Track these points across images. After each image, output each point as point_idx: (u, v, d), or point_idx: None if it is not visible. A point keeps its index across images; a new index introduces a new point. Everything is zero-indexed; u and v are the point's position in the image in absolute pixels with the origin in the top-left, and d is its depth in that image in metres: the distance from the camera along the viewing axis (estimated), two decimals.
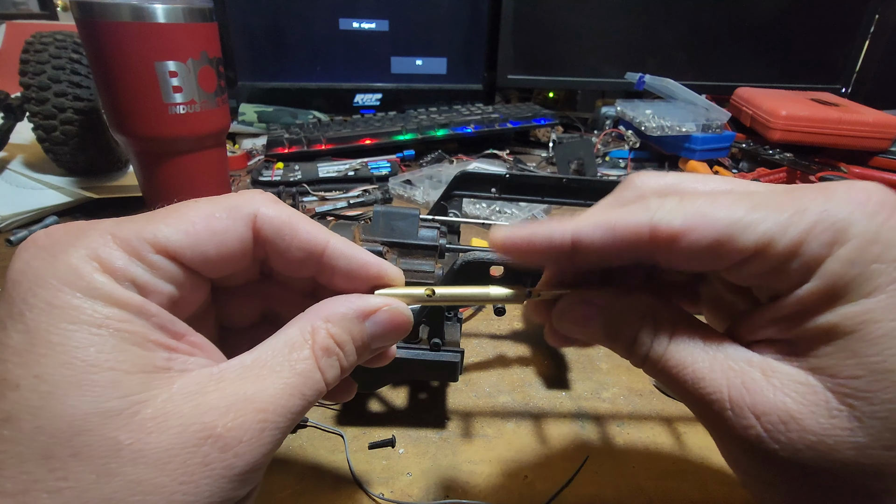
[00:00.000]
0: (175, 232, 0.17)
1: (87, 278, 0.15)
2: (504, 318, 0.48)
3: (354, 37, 1.00)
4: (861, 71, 1.10)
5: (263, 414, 0.16)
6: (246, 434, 0.15)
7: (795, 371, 0.16)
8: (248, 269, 0.21)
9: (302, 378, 0.17)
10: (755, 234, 0.16)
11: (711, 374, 0.17)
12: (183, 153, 0.53)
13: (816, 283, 0.16)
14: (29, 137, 0.67)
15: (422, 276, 0.39)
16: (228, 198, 0.19)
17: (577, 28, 1.02)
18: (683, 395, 0.18)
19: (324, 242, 0.20)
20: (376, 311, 0.19)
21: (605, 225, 0.18)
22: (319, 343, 0.18)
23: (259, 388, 0.16)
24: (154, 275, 0.17)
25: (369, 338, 0.19)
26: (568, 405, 0.38)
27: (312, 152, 0.82)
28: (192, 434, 0.15)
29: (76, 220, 0.17)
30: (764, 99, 0.85)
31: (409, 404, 0.38)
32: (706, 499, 0.31)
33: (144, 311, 0.16)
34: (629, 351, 0.20)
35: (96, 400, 0.14)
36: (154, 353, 0.16)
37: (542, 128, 0.98)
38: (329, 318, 0.18)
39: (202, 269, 0.18)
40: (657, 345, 0.19)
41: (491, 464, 0.33)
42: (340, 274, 0.20)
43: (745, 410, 0.16)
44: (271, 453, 0.17)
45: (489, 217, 0.66)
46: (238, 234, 0.18)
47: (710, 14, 1.03)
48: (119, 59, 0.47)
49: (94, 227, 0.17)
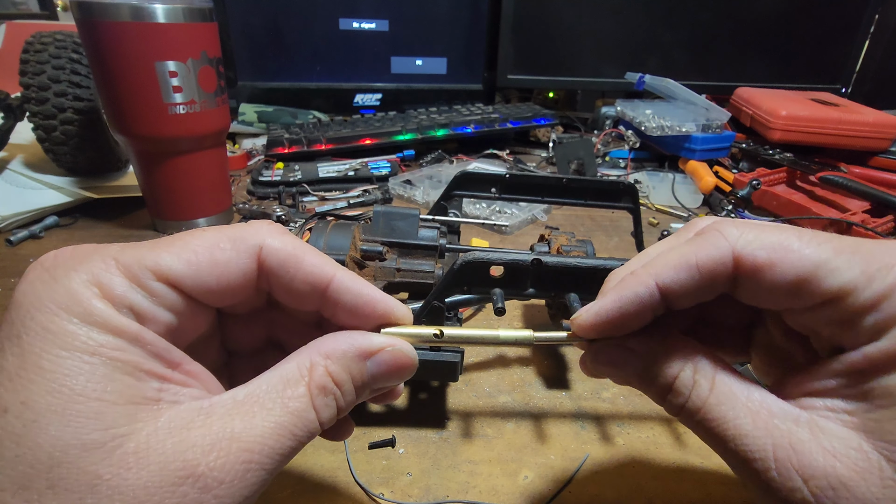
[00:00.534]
0: (178, 261, 0.17)
1: (84, 304, 0.15)
2: (504, 319, 0.48)
3: (354, 37, 1.01)
4: (861, 71, 1.10)
5: (249, 454, 0.15)
6: (228, 475, 0.15)
7: (847, 433, 0.16)
8: (254, 298, 0.21)
9: (294, 417, 0.17)
10: (840, 279, 0.16)
11: (755, 430, 0.16)
12: (183, 153, 0.53)
13: (890, 343, 0.15)
14: (29, 137, 0.67)
15: (422, 275, 0.39)
16: (235, 228, 0.19)
17: (577, 28, 1.02)
18: (723, 450, 0.17)
19: (329, 276, 0.19)
20: (379, 350, 0.19)
21: (685, 265, 0.18)
22: (316, 381, 0.17)
23: (247, 426, 0.16)
24: (153, 302, 0.17)
25: (370, 378, 0.19)
26: (568, 405, 0.38)
27: (312, 152, 0.82)
28: (171, 472, 0.14)
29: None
30: (764, 99, 0.85)
31: (409, 404, 0.38)
32: (706, 499, 0.31)
33: (140, 339, 0.16)
34: (664, 399, 0.19)
35: (78, 431, 0.14)
36: (145, 384, 0.16)
37: (542, 128, 0.98)
38: (329, 355, 0.18)
39: (204, 299, 0.18)
40: (696, 396, 0.18)
41: (491, 464, 0.33)
42: (345, 309, 0.20)
43: (791, 472, 0.15)
44: (256, 495, 0.16)
45: (489, 217, 0.66)
46: (241, 265, 0.18)
47: (710, 14, 1.03)
48: (119, 59, 0.47)
49: (99, 251, 0.17)
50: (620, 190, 0.47)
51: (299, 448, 0.17)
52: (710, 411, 0.17)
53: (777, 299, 0.17)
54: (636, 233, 0.47)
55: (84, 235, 0.59)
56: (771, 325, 0.21)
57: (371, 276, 0.38)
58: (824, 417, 0.16)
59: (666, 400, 0.19)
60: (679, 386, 0.18)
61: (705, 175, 0.77)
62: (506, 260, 0.31)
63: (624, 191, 0.47)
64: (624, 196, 0.47)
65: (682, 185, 0.79)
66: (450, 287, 0.32)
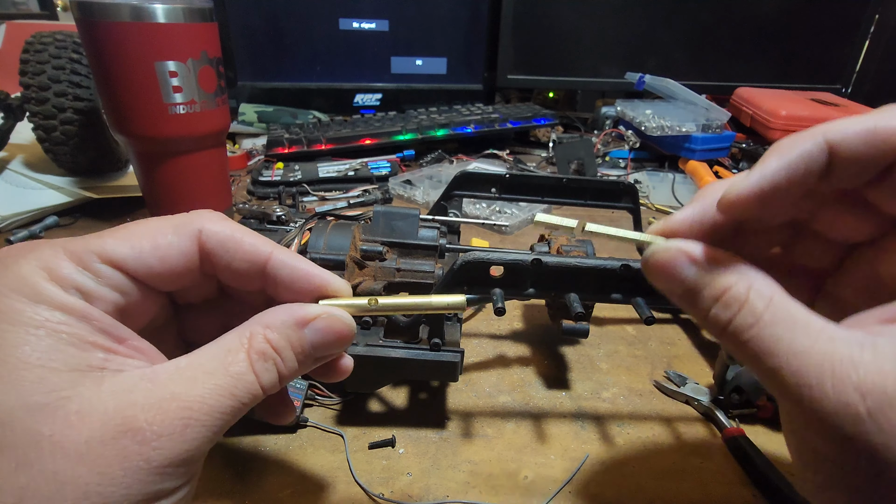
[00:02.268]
0: (121, 245, 0.18)
1: (32, 285, 0.16)
2: (504, 319, 0.48)
3: (354, 37, 1.00)
4: (861, 71, 1.10)
5: (188, 412, 0.16)
6: (167, 429, 0.16)
7: None
8: (205, 286, 0.22)
9: (234, 380, 0.17)
10: None
11: (813, 349, 0.16)
12: (183, 153, 0.53)
13: None
14: (29, 137, 0.67)
15: (422, 275, 0.39)
16: (177, 216, 0.20)
17: (577, 28, 1.02)
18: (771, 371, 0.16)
19: (266, 253, 0.20)
20: (315, 318, 0.20)
21: (863, 126, 0.17)
22: (256, 347, 0.18)
23: (188, 388, 0.17)
24: (99, 283, 0.18)
25: (310, 346, 0.20)
26: (568, 405, 0.38)
27: (312, 152, 0.82)
28: (112, 427, 0.15)
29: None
30: (764, 99, 0.85)
31: (409, 404, 0.38)
32: (706, 499, 0.31)
33: (86, 315, 0.17)
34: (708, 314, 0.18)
35: (22, 395, 0.15)
36: (90, 354, 0.17)
37: (542, 128, 0.98)
38: (268, 325, 0.19)
39: (149, 281, 0.19)
40: (747, 313, 0.17)
41: (491, 464, 0.33)
42: (284, 285, 0.21)
43: (848, 387, 0.15)
44: (199, 450, 0.17)
45: (489, 217, 0.66)
46: (182, 247, 0.19)
47: (710, 14, 1.03)
48: (119, 59, 0.47)
49: (49, 243, 0.18)
50: (620, 190, 0.47)
51: (241, 409, 0.18)
52: (763, 329, 0.16)
53: None
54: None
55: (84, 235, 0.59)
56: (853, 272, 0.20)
57: (371, 276, 0.38)
58: (892, 340, 0.15)
59: (711, 315, 0.18)
60: (728, 298, 0.17)
61: (705, 175, 0.77)
62: (506, 260, 0.31)
63: (624, 191, 0.47)
64: (624, 196, 0.47)
65: (682, 186, 0.79)
66: (450, 287, 0.32)
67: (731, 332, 0.17)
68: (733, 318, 0.17)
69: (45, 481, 0.15)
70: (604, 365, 0.43)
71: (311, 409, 0.36)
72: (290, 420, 0.25)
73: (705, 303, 0.18)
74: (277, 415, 0.24)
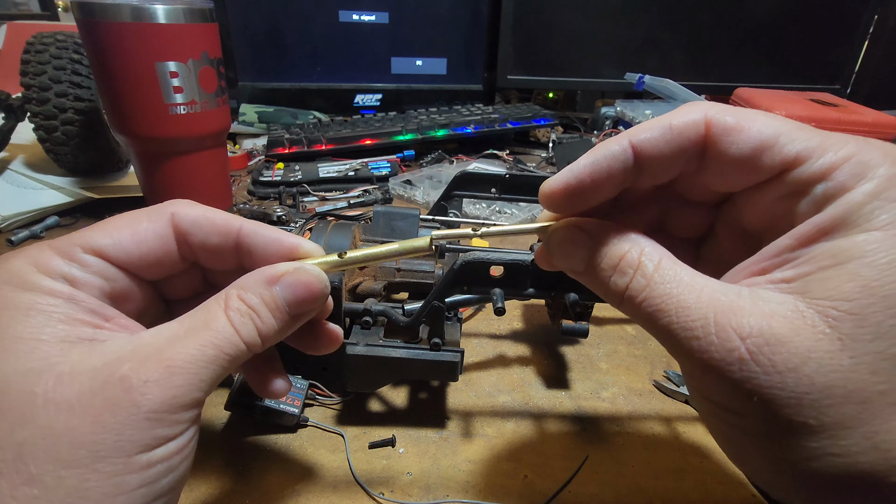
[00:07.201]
0: (102, 236, 0.20)
1: (23, 276, 0.18)
2: (504, 318, 0.48)
3: (354, 31, 1.00)
4: (860, 71, 1.11)
5: (171, 361, 0.17)
6: (153, 376, 0.17)
7: (784, 297, 0.16)
8: (189, 278, 0.23)
9: (214, 332, 0.18)
10: (796, 146, 0.17)
11: (698, 303, 0.17)
12: (183, 153, 0.53)
13: (836, 209, 0.16)
14: (30, 138, 0.67)
15: (422, 275, 0.39)
16: (152, 206, 0.22)
17: (576, 28, 1.02)
18: (664, 327, 0.17)
19: (237, 226, 0.22)
20: (283, 274, 0.20)
21: (660, 125, 0.18)
22: (232, 305, 0.19)
23: (171, 343, 0.18)
24: (84, 271, 0.19)
25: (283, 302, 0.20)
26: (568, 405, 0.38)
27: (313, 152, 0.82)
28: (100, 380, 0.16)
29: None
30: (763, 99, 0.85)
31: (410, 404, 0.38)
32: (706, 498, 0.32)
33: (73, 297, 0.18)
34: (609, 283, 0.19)
35: (16, 362, 0.16)
36: (79, 329, 0.18)
37: (542, 128, 0.98)
38: (241, 286, 0.20)
39: (131, 266, 0.21)
40: (640, 275, 0.18)
41: (491, 464, 0.33)
42: (258, 253, 0.22)
43: (729, 332, 0.16)
44: (187, 397, 0.17)
45: (489, 217, 0.66)
46: (157, 231, 0.21)
47: (709, 14, 1.03)
48: (120, 60, 0.47)
49: (35, 244, 0.19)
50: None
51: (226, 360, 0.18)
52: (654, 289, 0.18)
53: (740, 172, 0.18)
54: None
55: None
56: (722, 233, 0.22)
57: (371, 276, 0.39)
58: (766, 288, 0.17)
59: (610, 283, 0.19)
60: (624, 265, 0.19)
61: None
62: (506, 260, 0.31)
63: None
64: None
65: None
66: (450, 287, 0.32)
67: (627, 297, 0.19)
68: (629, 283, 0.19)
69: (41, 435, 0.15)
70: (603, 365, 0.43)
71: (311, 409, 0.36)
72: (284, 394, 0.25)
73: (605, 273, 0.20)
74: (272, 389, 0.24)
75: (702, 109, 0.19)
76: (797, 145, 0.17)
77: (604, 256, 0.20)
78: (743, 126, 0.18)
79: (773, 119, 0.18)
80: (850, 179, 0.16)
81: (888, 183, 0.16)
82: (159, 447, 0.17)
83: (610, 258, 0.19)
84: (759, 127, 0.18)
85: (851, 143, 0.17)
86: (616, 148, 0.19)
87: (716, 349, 0.16)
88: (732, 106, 0.19)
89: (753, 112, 0.18)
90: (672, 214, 0.23)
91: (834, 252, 0.16)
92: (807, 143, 0.17)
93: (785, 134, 0.17)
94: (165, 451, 0.17)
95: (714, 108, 0.19)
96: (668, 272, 0.18)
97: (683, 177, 0.20)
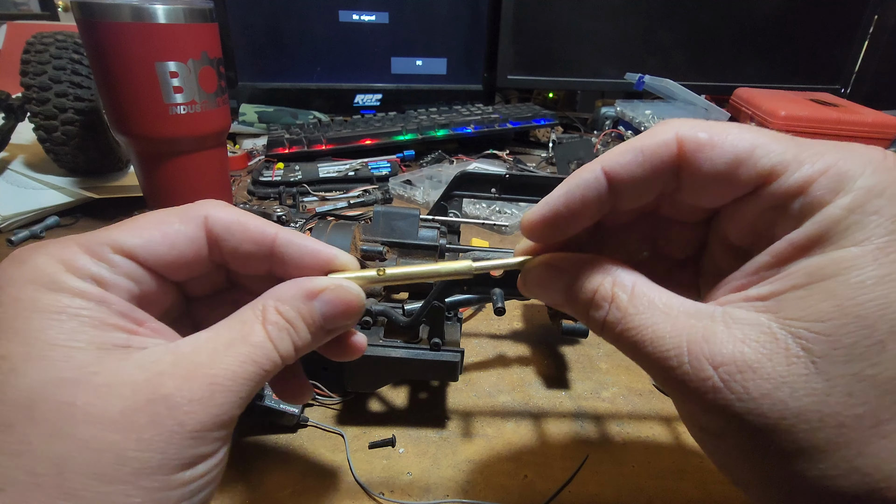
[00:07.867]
0: (131, 236, 0.19)
1: (50, 276, 0.17)
2: (504, 318, 0.48)
3: (354, 31, 1.00)
4: (860, 71, 1.11)
5: (213, 378, 0.17)
6: (196, 394, 0.16)
7: (757, 318, 0.16)
8: (214, 277, 0.23)
9: (253, 348, 0.18)
10: (771, 159, 0.17)
11: (672, 331, 0.17)
12: (183, 153, 0.53)
13: (812, 226, 0.16)
14: (30, 138, 0.67)
15: None
16: (183, 206, 0.21)
17: (577, 28, 1.02)
18: (643, 357, 0.18)
19: (272, 234, 0.21)
20: (323, 289, 0.20)
21: (631, 149, 0.18)
22: (270, 319, 0.19)
23: (211, 358, 0.17)
24: (113, 272, 0.18)
25: (320, 317, 0.20)
26: (568, 405, 0.38)
27: (313, 152, 0.82)
28: (143, 396, 0.16)
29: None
30: (763, 99, 0.85)
31: (410, 404, 0.38)
32: (706, 498, 0.32)
33: (104, 300, 0.18)
34: (588, 316, 0.19)
35: (52, 372, 0.16)
36: (112, 334, 0.17)
37: (542, 128, 0.98)
38: (279, 298, 0.20)
39: (161, 269, 0.20)
40: (615, 308, 0.18)
41: (491, 464, 0.33)
42: (292, 263, 0.21)
43: (702, 362, 0.16)
44: (228, 414, 0.17)
45: (489, 217, 0.66)
46: (189, 234, 0.20)
47: (710, 14, 1.03)
48: (120, 60, 0.47)
49: (60, 241, 0.18)
50: None
51: (263, 376, 0.18)
52: (630, 321, 0.18)
53: (717, 189, 0.18)
54: None
55: None
56: (715, 248, 0.22)
57: None
58: (739, 308, 0.17)
59: (589, 316, 0.19)
60: (598, 299, 0.19)
61: None
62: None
63: None
64: None
65: None
66: (450, 287, 0.32)
67: (606, 328, 0.19)
68: (606, 317, 0.18)
69: (81, 449, 0.15)
70: (603, 365, 0.43)
71: (311, 409, 0.36)
72: (307, 399, 0.25)
73: (582, 308, 0.19)
74: (294, 395, 0.24)
75: (673, 128, 0.18)
76: (772, 158, 0.17)
77: (579, 291, 0.19)
78: (715, 141, 0.17)
79: (747, 131, 0.18)
80: (828, 194, 0.16)
81: (866, 196, 0.15)
82: (199, 464, 0.17)
83: (585, 292, 0.19)
84: (733, 140, 0.17)
85: (830, 152, 0.16)
86: (588, 176, 0.19)
87: (690, 378, 0.16)
88: (705, 121, 0.18)
89: (727, 125, 0.18)
90: (663, 235, 0.23)
91: (810, 270, 0.15)
92: (782, 155, 0.17)
93: (760, 146, 0.17)
94: (205, 467, 0.17)
95: (685, 125, 0.18)
96: (643, 300, 0.18)
97: (665, 196, 0.20)
